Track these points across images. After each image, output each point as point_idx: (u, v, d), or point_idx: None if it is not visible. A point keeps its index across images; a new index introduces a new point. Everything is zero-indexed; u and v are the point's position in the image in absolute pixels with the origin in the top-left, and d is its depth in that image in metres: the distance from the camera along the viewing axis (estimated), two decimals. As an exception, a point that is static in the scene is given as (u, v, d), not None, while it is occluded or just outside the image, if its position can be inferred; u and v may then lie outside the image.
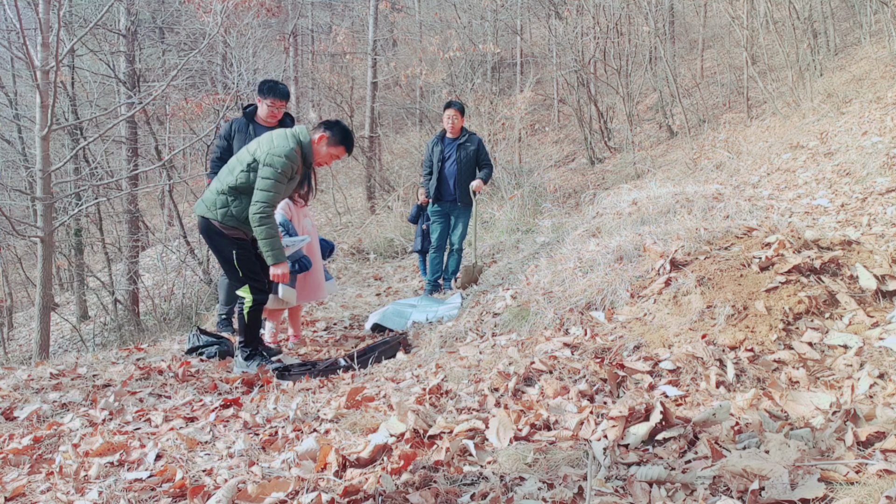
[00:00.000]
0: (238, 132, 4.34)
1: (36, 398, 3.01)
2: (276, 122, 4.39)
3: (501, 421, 2.01)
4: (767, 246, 2.86)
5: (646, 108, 14.92)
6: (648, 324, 2.72)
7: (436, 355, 3.31)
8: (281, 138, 3.35)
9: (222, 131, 4.44)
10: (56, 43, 5.67)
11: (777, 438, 1.66)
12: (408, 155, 14.00)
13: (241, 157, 3.43)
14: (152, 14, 13.47)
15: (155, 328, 8.05)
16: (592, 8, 12.77)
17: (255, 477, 1.86)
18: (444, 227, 5.66)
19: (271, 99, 4.30)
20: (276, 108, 4.34)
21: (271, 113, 4.34)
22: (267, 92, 4.30)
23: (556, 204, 9.45)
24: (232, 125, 4.39)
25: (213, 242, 3.53)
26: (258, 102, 4.38)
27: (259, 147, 3.37)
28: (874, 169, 5.24)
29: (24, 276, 12.31)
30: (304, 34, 22.96)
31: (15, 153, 13.05)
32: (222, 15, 8.36)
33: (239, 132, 4.34)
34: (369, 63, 14.35)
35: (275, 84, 4.36)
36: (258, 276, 3.53)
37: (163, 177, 11.24)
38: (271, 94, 4.30)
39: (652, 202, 4.90)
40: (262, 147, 3.34)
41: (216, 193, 3.41)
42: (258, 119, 4.40)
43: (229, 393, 3.13)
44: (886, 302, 2.50)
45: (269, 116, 4.36)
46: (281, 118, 4.43)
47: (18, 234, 6.89)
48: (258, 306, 3.54)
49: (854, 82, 8.53)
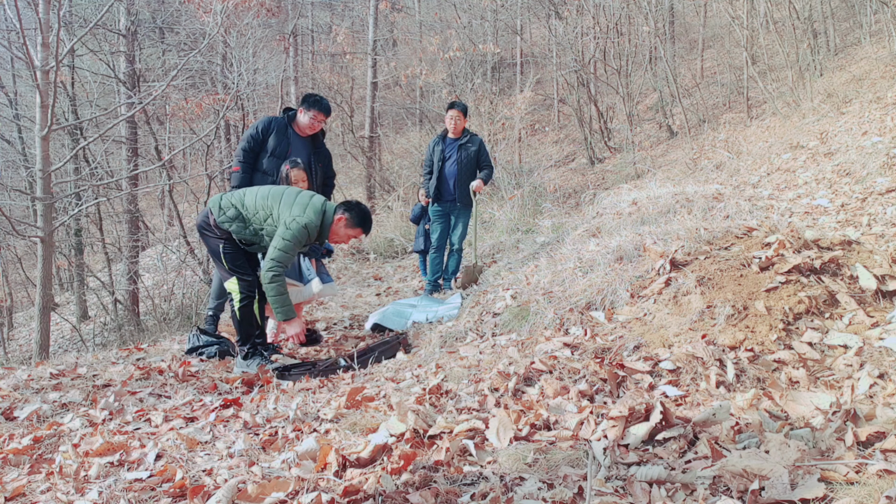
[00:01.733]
0: (277, 132, 4.44)
1: (36, 398, 3.01)
2: (314, 133, 4.56)
3: (501, 421, 2.01)
4: (767, 246, 2.86)
5: (646, 108, 14.92)
6: (648, 324, 2.72)
7: (436, 355, 3.31)
8: (310, 208, 3.46)
9: (259, 124, 4.45)
10: (56, 43, 5.67)
11: (777, 438, 1.66)
12: (408, 155, 14.01)
13: (268, 203, 3.51)
14: (152, 14, 13.46)
15: (155, 328, 8.05)
16: (592, 8, 12.77)
17: (255, 477, 1.86)
18: (445, 227, 5.66)
19: (315, 112, 4.45)
20: (318, 121, 4.49)
21: (312, 125, 4.48)
22: (312, 104, 4.46)
23: (556, 204, 9.45)
24: (271, 123, 4.45)
25: (205, 236, 3.65)
26: (300, 112, 4.51)
27: (288, 208, 3.46)
28: (874, 169, 5.24)
29: (24, 276, 12.30)
30: (304, 34, 22.96)
31: (15, 153, 13.05)
32: (222, 15, 8.37)
33: (278, 132, 4.44)
34: (369, 63, 14.36)
35: (320, 99, 4.54)
36: (245, 270, 3.59)
37: (163, 177, 11.24)
38: (316, 108, 4.46)
39: (652, 202, 4.91)
40: (291, 210, 3.44)
41: (237, 207, 3.52)
42: (296, 126, 4.53)
43: (229, 393, 3.13)
44: (886, 302, 2.50)
45: (309, 128, 4.50)
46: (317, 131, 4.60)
47: (18, 234, 6.89)
48: (248, 301, 3.58)
49: (854, 82, 8.53)
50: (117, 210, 11.70)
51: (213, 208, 3.55)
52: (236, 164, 4.44)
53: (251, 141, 4.41)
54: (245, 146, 4.42)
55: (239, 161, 4.41)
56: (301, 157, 4.47)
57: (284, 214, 3.43)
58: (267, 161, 4.41)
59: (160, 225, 13.20)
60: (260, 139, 4.40)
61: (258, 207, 3.50)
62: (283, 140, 4.43)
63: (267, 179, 4.41)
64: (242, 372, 3.51)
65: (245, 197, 3.56)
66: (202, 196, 10.19)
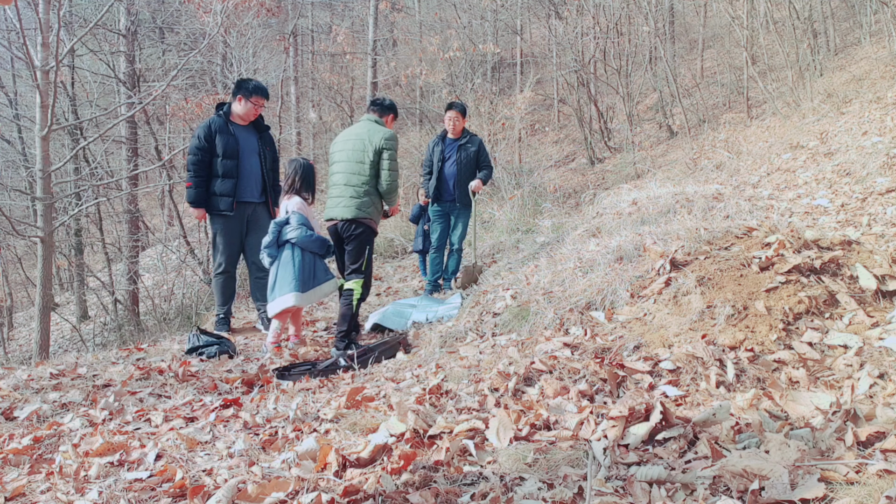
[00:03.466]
0: (220, 132, 4.41)
1: (36, 398, 3.01)
2: (255, 119, 4.56)
3: (501, 421, 2.00)
4: (767, 246, 2.86)
5: (646, 108, 14.92)
6: (648, 324, 2.72)
7: (436, 355, 3.31)
8: (375, 128, 4.04)
9: (200, 132, 4.40)
10: (56, 43, 5.67)
11: (777, 438, 1.66)
12: (408, 155, 14.00)
13: (356, 155, 3.99)
14: (152, 14, 13.47)
15: (155, 328, 8.05)
16: (592, 8, 12.77)
17: (255, 477, 1.86)
18: (444, 227, 5.66)
19: (257, 97, 4.45)
20: (260, 106, 4.49)
21: (255, 111, 4.48)
22: (254, 91, 4.43)
23: (556, 204, 9.44)
24: (210, 126, 4.41)
25: (361, 237, 3.99)
26: (238, 101, 4.45)
27: (368, 140, 3.99)
28: (874, 169, 5.24)
29: (24, 276, 12.31)
30: (304, 34, 22.95)
31: (15, 153, 13.05)
32: (222, 15, 8.37)
33: (220, 132, 4.41)
34: (369, 63, 14.36)
35: (259, 84, 4.52)
36: (371, 274, 4.10)
37: (163, 177, 11.24)
38: (258, 94, 4.45)
39: (652, 202, 4.91)
40: (374, 138, 3.98)
41: (361, 195, 3.96)
42: (234, 118, 4.49)
43: (229, 393, 3.13)
44: (886, 302, 2.50)
45: (253, 114, 4.49)
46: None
47: (18, 234, 6.89)
48: (361, 301, 4.00)
49: (854, 82, 8.53)
50: (117, 210, 11.70)
51: (358, 215, 3.91)
52: (189, 179, 4.39)
53: (198, 152, 4.36)
54: (194, 159, 4.36)
55: (191, 177, 4.36)
56: (250, 144, 4.47)
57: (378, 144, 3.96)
58: (221, 164, 4.37)
59: (160, 225, 13.20)
60: (206, 146, 4.36)
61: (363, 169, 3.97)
62: (230, 137, 4.40)
63: (227, 183, 4.38)
64: (338, 357, 3.78)
65: (350, 182, 3.99)
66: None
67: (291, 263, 3.95)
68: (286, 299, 3.91)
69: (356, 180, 3.95)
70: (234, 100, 4.49)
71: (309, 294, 4.00)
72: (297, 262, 3.95)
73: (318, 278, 4.05)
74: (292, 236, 3.97)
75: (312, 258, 4.04)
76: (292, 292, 3.89)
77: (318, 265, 4.09)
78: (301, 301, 3.95)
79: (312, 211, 4.31)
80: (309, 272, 4.01)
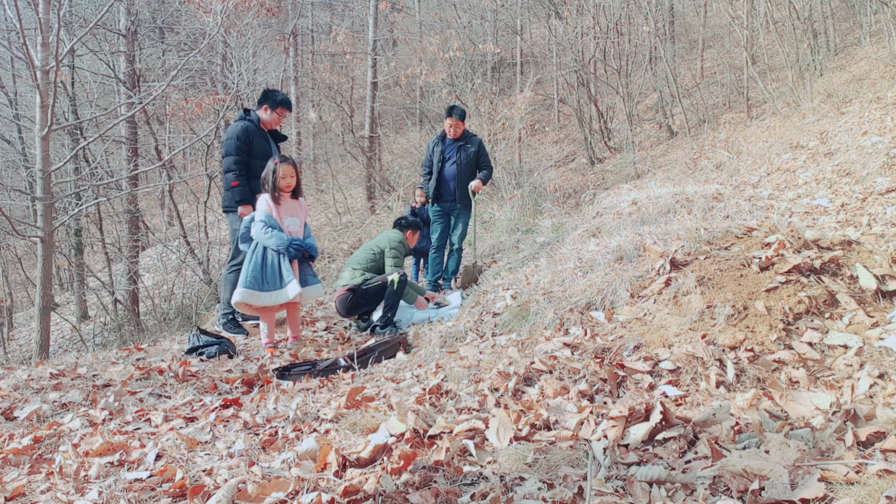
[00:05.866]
0: (256, 137, 4.59)
1: (36, 398, 3.01)
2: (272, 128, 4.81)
3: (501, 421, 2.00)
4: (767, 246, 2.86)
5: (646, 108, 14.92)
6: (648, 324, 2.72)
7: (436, 355, 3.31)
8: (393, 235, 4.99)
9: (240, 134, 4.52)
10: (56, 43, 5.67)
11: (777, 438, 1.66)
12: (408, 155, 14.02)
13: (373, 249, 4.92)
14: (152, 14, 13.47)
15: (155, 328, 8.06)
16: (592, 8, 12.78)
17: (255, 477, 1.86)
18: (444, 227, 5.66)
19: (282, 109, 4.69)
20: (284, 117, 4.76)
21: (278, 121, 4.73)
22: (280, 103, 4.67)
23: (556, 204, 9.45)
24: (247, 129, 4.57)
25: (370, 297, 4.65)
26: (263, 110, 4.66)
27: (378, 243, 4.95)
28: (874, 169, 5.24)
29: (24, 276, 12.30)
30: (304, 34, 22.96)
31: (15, 153, 13.05)
32: (222, 15, 8.37)
33: (257, 136, 4.60)
34: (369, 63, 14.37)
35: (286, 97, 4.77)
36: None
37: (163, 177, 11.25)
38: (283, 106, 4.69)
39: (652, 202, 4.91)
40: (382, 243, 4.92)
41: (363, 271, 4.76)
42: (262, 124, 4.70)
43: (229, 393, 3.13)
44: (886, 302, 2.50)
45: (274, 123, 4.73)
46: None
47: (18, 234, 6.89)
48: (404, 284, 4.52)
49: (854, 82, 8.53)
50: (117, 210, 11.70)
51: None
52: (234, 179, 4.50)
53: (240, 153, 4.50)
54: (238, 160, 4.50)
55: (236, 175, 4.50)
56: (273, 151, 4.70)
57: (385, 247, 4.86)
58: (256, 165, 4.52)
59: (160, 225, 13.22)
60: (246, 148, 4.53)
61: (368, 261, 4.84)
62: (263, 141, 4.63)
63: (257, 183, 4.50)
64: (387, 333, 4.28)
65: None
66: (202, 196, 10.18)
67: (249, 260, 3.98)
68: (235, 293, 3.93)
69: None
70: (259, 108, 4.69)
71: (268, 295, 3.91)
72: (252, 260, 3.96)
73: (284, 280, 3.93)
74: (252, 233, 4.01)
75: (276, 258, 3.95)
76: (240, 288, 3.90)
77: (284, 266, 3.94)
78: (248, 298, 3.87)
79: (297, 210, 4.17)
80: (271, 271, 3.92)
